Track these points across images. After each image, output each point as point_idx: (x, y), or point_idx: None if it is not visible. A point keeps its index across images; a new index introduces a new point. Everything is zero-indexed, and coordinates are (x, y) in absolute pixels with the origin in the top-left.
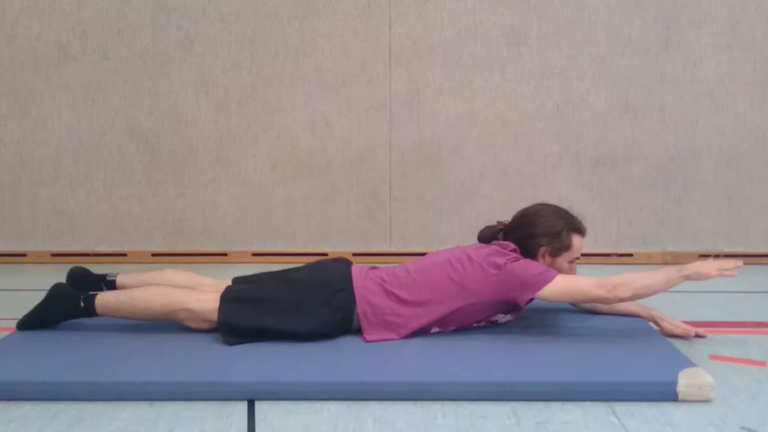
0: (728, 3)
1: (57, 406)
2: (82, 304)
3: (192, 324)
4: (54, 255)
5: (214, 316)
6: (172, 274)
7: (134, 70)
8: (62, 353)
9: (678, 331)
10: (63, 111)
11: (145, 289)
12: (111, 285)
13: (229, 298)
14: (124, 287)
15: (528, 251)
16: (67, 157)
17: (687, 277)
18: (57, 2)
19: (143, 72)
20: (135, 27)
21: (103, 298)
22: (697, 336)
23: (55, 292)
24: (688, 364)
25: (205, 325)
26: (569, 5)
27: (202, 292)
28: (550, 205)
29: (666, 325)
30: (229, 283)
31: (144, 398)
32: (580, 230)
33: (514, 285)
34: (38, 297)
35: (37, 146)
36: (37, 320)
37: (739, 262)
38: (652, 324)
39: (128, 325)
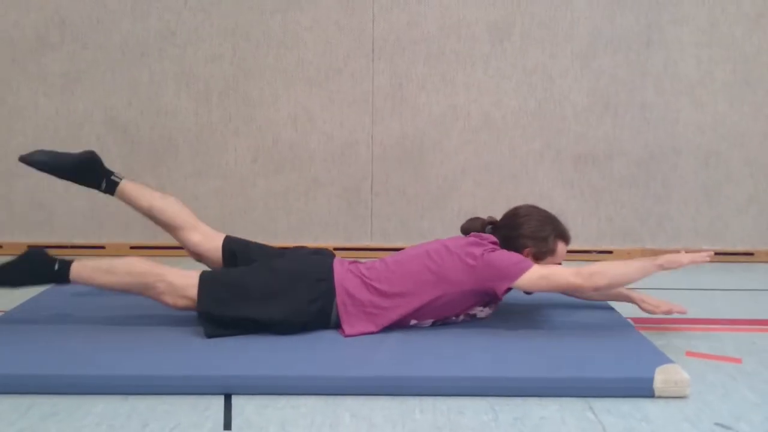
0: (709, 2)
1: (30, 399)
2: (56, 267)
3: (169, 299)
4: (30, 247)
5: (192, 292)
6: (175, 204)
7: (114, 61)
8: (36, 346)
9: (661, 310)
10: (40, 101)
11: (125, 259)
12: (113, 186)
13: (208, 279)
14: (126, 195)
15: (512, 249)
16: (44, 148)
17: (661, 266)
18: None
19: (123, 62)
20: (115, 17)
21: (80, 264)
22: (678, 312)
23: (31, 253)
24: (665, 360)
25: (181, 302)
26: (552, 2)
27: (181, 269)
28: (541, 210)
29: (647, 307)
30: (223, 236)
31: (118, 392)
32: (565, 238)
33: (492, 274)
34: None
35: (14, 136)
36: (2, 277)
37: (711, 252)
38: (629, 317)
39: (103, 317)
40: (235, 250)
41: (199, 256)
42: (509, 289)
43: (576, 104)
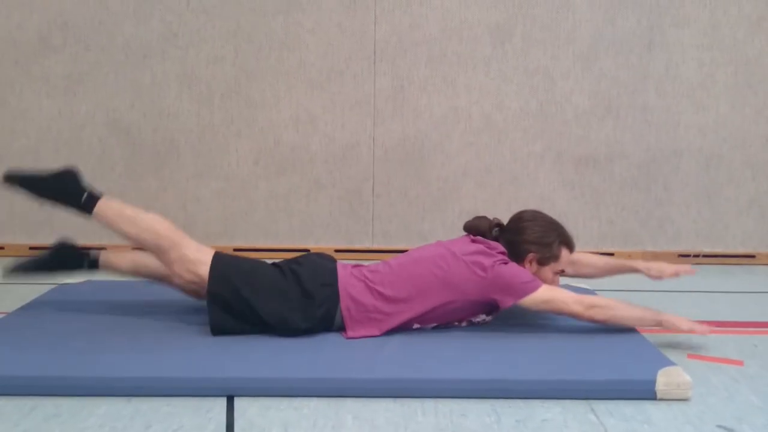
0: (710, 5)
1: (33, 401)
2: (84, 197)
3: (177, 268)
4: (32, 248)
5: (201, 269)
6: (151, 260)
7: (116, 63)
8: (39, 347)
9: (668, 274)
10: (43, 102)
11: (151, 214)
12: (93, 263)
13: (222, 260)
14: (108, 264)
15: (516, 254)
16: (46, 150)
17: (659, 323)
18: None
19: (125, 64)
20: (117, 19)
21: (107, 202)
22: (686, 273)
23: (68, 173)
24: (667, 362)
25: (187, 275)
26: (554, 4)
27: (200, 245)
28: (546, 216)
29: (653, 273)
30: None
31: (122, 394)
32: (570, 245)
33: (499, 287)
34: (15, 288)
35: (17, 138)
36: (32, 181)
37: (711, 329)
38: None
39: (106, 319)
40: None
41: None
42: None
43: (577, 106)
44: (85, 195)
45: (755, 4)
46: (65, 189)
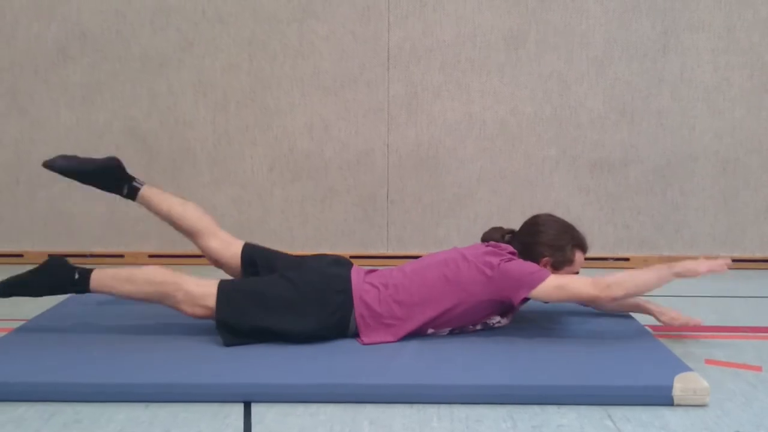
0: (725, 8)
1: (53, 407)
2: (76, 277)
3: (187, 308)
4: (51, 255)
5: (210, 301)
6: (195, 211)
7: (133, 72)
8: (58, 354)
9: (679, 323)
10: (61, 111)
11: (144, 268)
12: (134, 191)
13: (226, 289)
14: (147, 200)
15: (530, 257)
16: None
17: (678, 274)
18: (56, 3)
19: (142, 73)
20: (134, 28)
21: (100, 273)
22: (695, 325)
23: (52, 262)
24: (684, 368)
25: (199, 311)
26: (567, 9)
27: (200, 278)
28: (560, 219)
29: (665, 319)
30: (242, 243)
31: (140, 400)
32: (583, 248)
33: (508, 284)
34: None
35: (35, 147)
36: (23, 286)
37: (728, 259)
38: (647, 327)
39: (124, 326)
40: (254, 257)
41: (218, 263)
42: (526, 299)
43: (592, 111)
44: (76, 273)
45: None
46: (56, 280)
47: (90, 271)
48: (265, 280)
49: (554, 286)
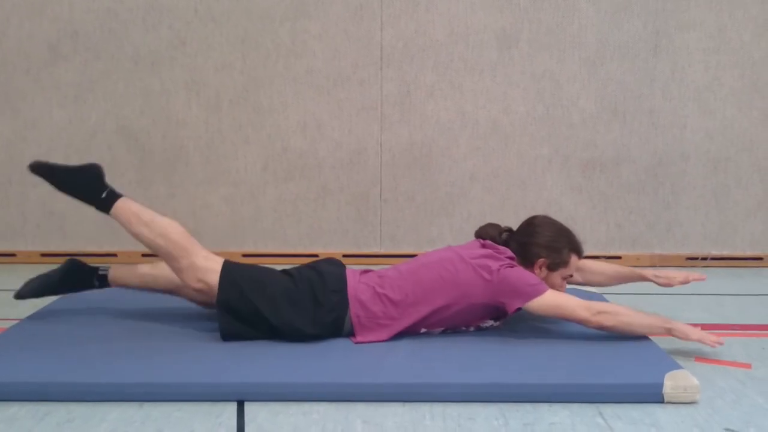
0: (716, 8)
1: (46, 406)
2: (104, 195)
3: (186, 277)
4: (43, 255)
5: (210, 277)
6: (164, 268)
7: (125, 71)
8: (51, 354)
9: (677, 281)
10: (54, 111)
11: (168, 220)
12: (104, 279)
13: (232, 268)
14: (119, 280)
15: (526, 258)
16: (57, 157)
17: (670, 331)
18: (48, 2)
19: (134, 72)
20: (126, 27)
21: (126, 203)
22: (696, 280)
23: (92, 169)
24: (674, 366)
25: (197, 284)
26: (559, 9)
27: (209, 253)
28: (556, 221)
29: (662, 281)
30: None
31: (133, 399)
32: (579, 252)
33: (506, 291)
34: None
35: (28, 146)
36: (56, 175)
37: (721, 339)
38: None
39: (117, 325)
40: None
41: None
42: (519, 308)
43: (584, 110)
44: (106, 192)
45: (761, 7)
46: (87, 184)
47: (119, 196)
48: (266, 270)
49: (548, 303)
